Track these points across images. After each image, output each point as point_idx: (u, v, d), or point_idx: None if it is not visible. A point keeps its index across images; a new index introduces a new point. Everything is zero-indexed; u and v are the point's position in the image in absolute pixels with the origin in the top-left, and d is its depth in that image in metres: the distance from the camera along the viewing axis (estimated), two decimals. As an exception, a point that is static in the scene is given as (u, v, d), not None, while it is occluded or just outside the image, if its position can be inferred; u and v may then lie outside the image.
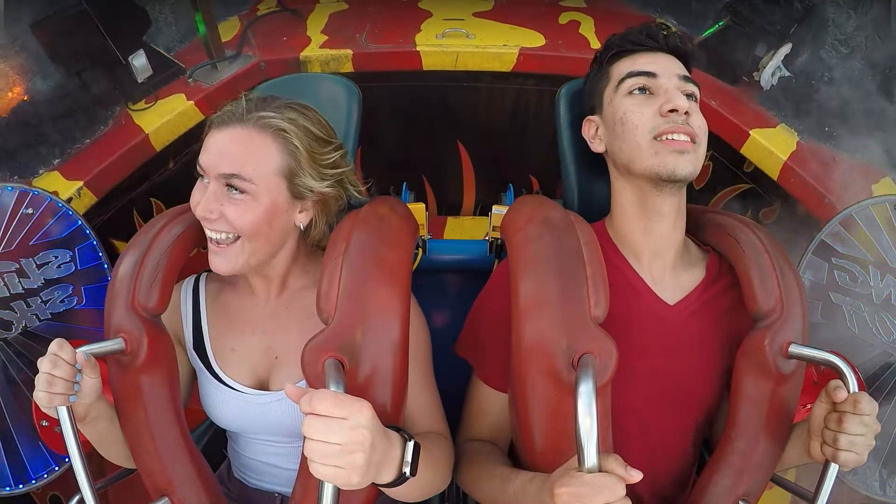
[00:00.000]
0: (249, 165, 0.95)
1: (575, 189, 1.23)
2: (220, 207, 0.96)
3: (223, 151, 0.96)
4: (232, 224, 0.96)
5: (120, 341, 0.96)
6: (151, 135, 1.83)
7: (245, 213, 0.96)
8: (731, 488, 0.97)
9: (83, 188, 1.69)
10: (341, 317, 0.88)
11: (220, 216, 0.96)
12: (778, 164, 1.77)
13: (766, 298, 0.97)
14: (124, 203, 1.89)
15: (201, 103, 1.90)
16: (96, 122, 1.82)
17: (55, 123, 1.74)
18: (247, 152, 0.95)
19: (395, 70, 2.07)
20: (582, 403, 0.77)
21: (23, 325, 1.29)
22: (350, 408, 0.74)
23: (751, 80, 1.90)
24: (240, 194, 0.96)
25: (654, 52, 1.07)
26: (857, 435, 0.85)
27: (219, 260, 1.00)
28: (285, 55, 2.04)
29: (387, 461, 0.80)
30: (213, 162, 0.96)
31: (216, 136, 0.97)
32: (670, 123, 0.99)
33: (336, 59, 2.04)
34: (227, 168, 0.95)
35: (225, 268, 1.00)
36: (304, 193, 1.00)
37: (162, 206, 2.01)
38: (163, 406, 0.99)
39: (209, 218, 0.97)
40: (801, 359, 0.95)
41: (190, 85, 1.93)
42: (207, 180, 0.98)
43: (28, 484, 1.30)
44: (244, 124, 0.96)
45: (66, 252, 1.31)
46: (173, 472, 0.99)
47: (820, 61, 1.82)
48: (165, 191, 2.00)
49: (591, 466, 0.76)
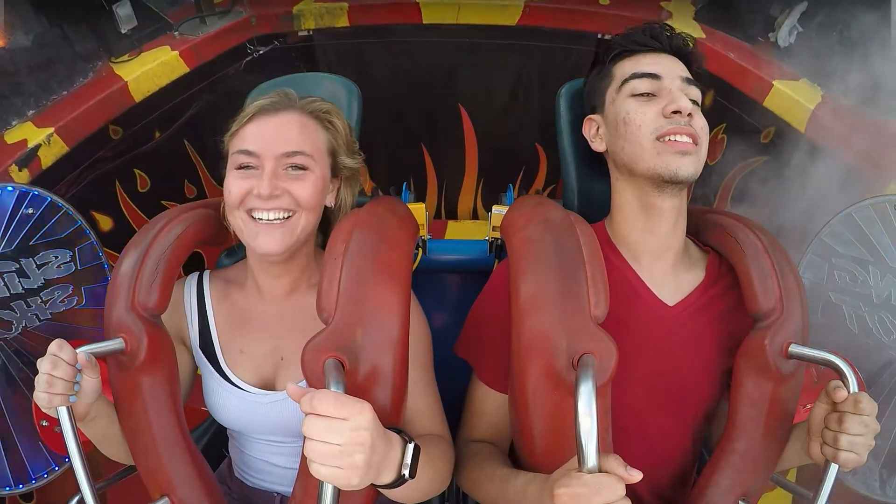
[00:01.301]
0: (308, 143, 1.04)
1: (575, 189, 1.23)
2: (283, 185, 1.01)
3: (281, 133, 1.03)
4: (297, 198, 1.02)
5: (120, 341, 0.96)
6: (131, 83, 1.73)
7: (307, 186, 1.02)
8: (731, 488, 0.97)
9: (53, 135, 1.59)
10: (341, 317, 0.88)
11: (284, 192, 1.01)
12: (805, 114, 1.66)
13: (766, 299, 0.97)
14: (105, 172, 1.80)
15: (186, 54, 1.81)
16: (75, 74, 1.72)
17: (32, 74, 1.64)
18: (303, 132, 1.04)
19: (393, 24, 1.97)
20: (582, 403, 0.77)
21: (23, 325, 1.29)
22: (351, 409, 0.74)
23: (766, 41, 1.83)
24: (299, 171, 1.03)
25: (657, 52, 1.07)
26: (857, 435, 0.85)
27: (271, 238, 1.01)
28: (277, 9, 1.95)
29: (386, 463, 0.80)
30: (271, 144, 1.02)
31: (266, 122, 1.03)
32: (673, 124, 1.00)
33: (331, 11, 1.95)
34: (289, 147, 1.02)
35: (279, 246, 1.02)
36: (340, 170, 1.10)
37: (146, 178, 1.94)
38: (163, 406, 0.99)
39: (275, 195, 1.00)
40: (801, 359, 0.95)
41: (176, 38, 1.84)
42: (253, 167, 1.02)
43: (28, 484, 1.31)
44: (294, 110, 1.05)
45: (66, 252, 1.31)
46: (173, 472, 0.99)
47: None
48: (150, 163, 1.91)
49: (591, 467, 0.76)
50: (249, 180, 1.01)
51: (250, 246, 1.04)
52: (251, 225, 1.02)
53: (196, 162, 2.17)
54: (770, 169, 1.76)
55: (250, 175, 1.02)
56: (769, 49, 1.83)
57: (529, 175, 2.51)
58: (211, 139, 2.15)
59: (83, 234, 1.33)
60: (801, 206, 1.36)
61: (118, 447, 1.03)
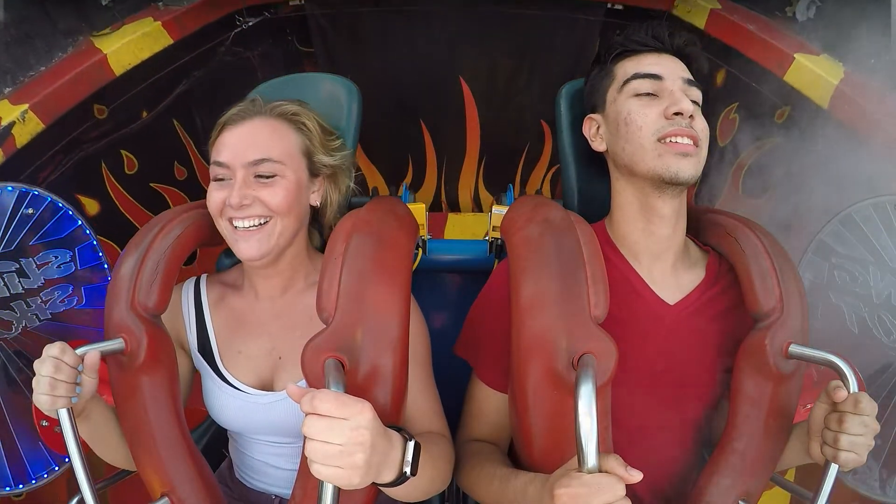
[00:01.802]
0: (276, 149, 1.04)
1: (575, 189, 1.23)
2: (253, 193, 1.02)
3: (248, 142, 1.03)
4: (268, 205, 1.02)
5: (120, 341, 0.96)
6: (110, 56, 1.65)
7: (277, 192, 1.03)
8: (731, 488, 0.97)
9: (28, 111, 1.51)
10: (341, 317, 0.88)
11: (255, 200, 1.02)
12: (828, 89, 1.55)
13: (766, 298, 0.97)
14: (90, 154, 1.72)
15: (170, 25, 1.73)
16: (55, 49, 1.64)
17: (10, 50, 1.57)
18: (271, 138, 1.04)
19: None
20: (582, 403, 0.77)
21: (23, 325, 1.29)
22: (352, 408, 0.74)
23: (784, 16, 1.75)
24: (268, 179, 1.03)
25: (659, 52, 1.06)
26: (857, 435, 0.85)
27: (248, 245, 1.03)
28: None
29: (387, 461, 0.80)
30: (239, 153, 1.03)
31: (235, 131, 1.05)
32: (675, 126, 0.99)
33: None
34: (255, 155, 1.02)
35: (257, 251, 1.03)
36: (320, 170, 1.11)
37: (133, 159, 1.87)
38: (163, 406, 0.99)
39: (245, 204, 1.01)
40: (801, 359, 0.95)
41: (160, 9, 1.75)
42: (227, 178, 1.03)
43: (28, 484, 1.31)
44: (262, 115, 1.06)
45: (66, 252, 1.31)
46: (173, 472, 0.99)
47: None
48: (138, 143, 1.83)
49: (590, 467, 0.76)
50: (223, 191, 1.03)
51: (234, 252, 1.06)
52: (231, 232, 1.05)
53: (186, 142, 2.09)
54: (788, 148, 1.67)
55: (224, 186, 1.04)
56: (787, 24, 1.75)
57: (534, 153, 2.38)
58: (201, 118, 2.05)
59: (83, 233, 1.33)
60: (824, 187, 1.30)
61: (112, 448, 1.03)
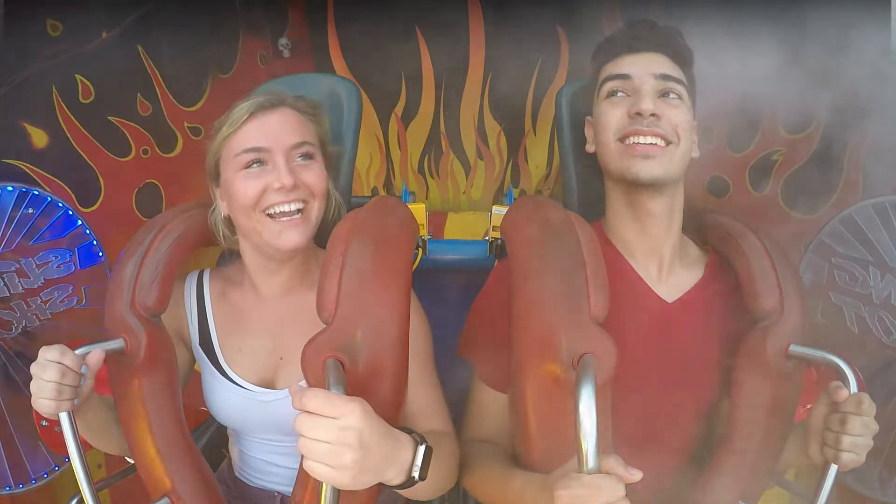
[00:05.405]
0: (308, 134, 1.07)
1: (575, 189, 1.23)
2: (297, 176, 1.02)
3: (286, 128, 1.04)
4: (310, 187, 1.04)
5: (120, 341, 0.96)
6: None
7: (318, 174, 1.06)
8: (731, 488, 0.97)
9: None
10: (341, 316, 0.88)
11: (299, 183, 1.02)
12: None
13: (766, 298, 0.97)
14: (39, 74, 1.55)
15: None
16: None
17: None
18: (301, 125, 1.07)
19: None
20: (582, 403, 0.77)
21: (23, 325, 1.29)
22: (341, 408, 0.74)
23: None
24: (308, 160, 1.05)
25: (637, 52, 1.06)
26: (858, 436, 0.85)
27: (295, 232, 1.02)
28: None
29: (392, 464, 0.79)
30: (279, 138, 1.03)
31: (267, 117, 1.04)
32: (635, 125, 0.99)
33: None
34: (295, 138, 1.04)
35: (302, 237, 1.03)
36: (331, 161, 1.14)
37: (89, 86, 1.70)
38: (163, 406, 1.00)
39: (290, 187, 1.01)
40: (801, 359, 0.95)
41: None
42: (263, 164, 1.02)
43: (28, 484, 1.31)
44: (287, 107, 1.08)
45: (66, 252, 1.32)
46: (173, 472, 0.99)
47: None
48: (95, 68, 1.66)
49: (591, 467, 0.76)
50: (262, 178, 1.01)
51: (272, 245, 1.03)
52: (271, 224, 1.02)
53: (152, 72, 1.86)
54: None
55: (261, 172, 1.02)
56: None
57: (549, 66, 1.99)
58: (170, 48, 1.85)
59: (83, 233, 1.33)
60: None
61: (105, 437, 1.03)
